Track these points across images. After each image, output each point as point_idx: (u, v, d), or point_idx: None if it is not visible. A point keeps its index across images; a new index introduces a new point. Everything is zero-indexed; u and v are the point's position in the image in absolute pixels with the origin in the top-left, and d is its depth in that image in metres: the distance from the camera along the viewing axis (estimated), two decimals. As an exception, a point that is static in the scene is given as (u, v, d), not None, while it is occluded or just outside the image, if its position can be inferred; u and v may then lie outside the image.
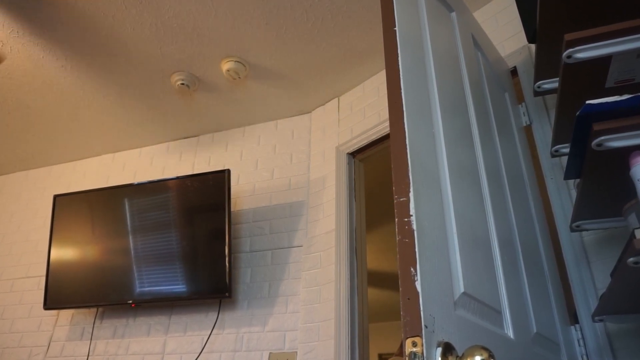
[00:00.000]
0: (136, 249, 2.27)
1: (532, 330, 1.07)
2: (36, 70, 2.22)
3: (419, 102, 0.90)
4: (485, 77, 1.37)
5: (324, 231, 2.14)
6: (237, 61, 2.17)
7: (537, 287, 1.21)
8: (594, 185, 1.04)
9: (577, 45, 0.99)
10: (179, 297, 2.14)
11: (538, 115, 1.57)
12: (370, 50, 2.14)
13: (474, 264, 0.88)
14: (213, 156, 2.63)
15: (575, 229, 1.22)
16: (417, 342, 0.63)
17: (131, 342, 2.28)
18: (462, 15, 1.34)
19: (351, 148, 2.24)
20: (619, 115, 0.91)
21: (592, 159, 0.95)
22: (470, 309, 0.81)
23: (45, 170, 3.04)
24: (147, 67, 2.21)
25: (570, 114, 1.14)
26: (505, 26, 1.80)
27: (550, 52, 1.25)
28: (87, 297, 2.28)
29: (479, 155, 1.13)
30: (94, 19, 1.94)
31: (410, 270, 0.68)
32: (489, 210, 1.07)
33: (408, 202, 0.74)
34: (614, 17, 1.13)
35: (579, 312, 1.30)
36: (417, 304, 0.65)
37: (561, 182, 1.46)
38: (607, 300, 1.06)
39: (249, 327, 2.10)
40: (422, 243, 0.71)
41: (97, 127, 2.66)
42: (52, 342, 2.44)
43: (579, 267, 1.34)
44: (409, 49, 0.93)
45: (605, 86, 1.06)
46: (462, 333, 0.74)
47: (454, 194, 0.90)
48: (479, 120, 1.19)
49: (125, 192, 2.40)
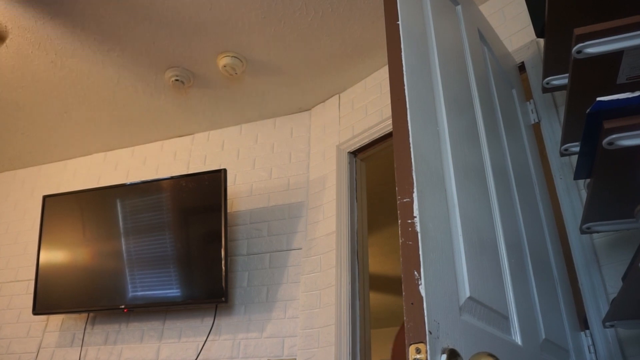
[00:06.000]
0: (129, 251, 2.26)
1: (540, 336, 1.07)
2: (25, 66, 2.20)
3: (423, 99, 0.90)
4: (492, 73, 1.37)
5: (324, 233, 2.13)
6: (233, 56, 2.16)
7: (546, 291, 1.20)
8: (605, 186, 1.03)
9: (587, 40, 0.97)
10: (174, 301, 2.14)
11: (547, 113, 1.57)
12: (373, 45, 2.13)
13: (480, 268, 0.88)
14: (209, 155, 2.61)
15: (585, 230, 1.21)
16: (421, 349, 0.63)
17: (124, 349, 2.26)
18: (467, 9, 1.34)
19: (352, 147, 2.23)
20: (631, 112, 0.89)
21: (603, 158, 0.94)
22: (476, 314, 0.81)
23: (34, 169, 3.02)
24: (141, 63, 2.20)
25: (580, 112, 1.15)
26: (513, 20, 1.80)
27: (560, 47, 1.24)
28: (78, 302, 2.27)
29: (485, 154, 1.12)
30: (85, 13, 1.93)
31: (414, 274, 0.68)
32: (496, 212, 1.07)
33: (412, 203, 0.74)
34: (625, 10, 1.14)
35: (589, 317, 1.30)
36: (421, 309, 0.65)
37: (571, 182, 1.45)
38: (619, 305, 1.05)
39: (246, 333, 2.09)
40: (426, 245, 0.71)
41: (88, 125, 2.64)
42: (42, 349, 2.42)
43: (589, 270, 1.33)
44: (412, 44, 0.93)
45: (617, 82, 1.04)
46: (468, 339, 0.74)
47: (459, 194, 0.90)
48: (485, 117, 1.19)
49: (117, 192, 2.40)
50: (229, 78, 2.30)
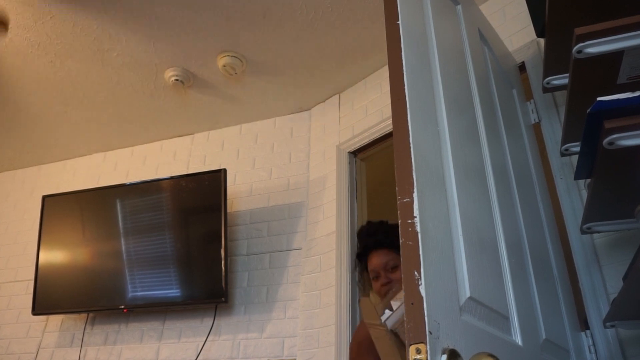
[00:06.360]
0: (128, 251, 2.26)
1: (540, 336, 1.06)
2: (25, 66, 2.20)
3: (423, 99, 0.90)
4: (492, 73, 1.37)
5: (324, 233, 2.12)
6: (233, 56, 2.15)
7: (546, 291, 1.20)
8: (606, 186, 1.02)
9: (587, 40, 0.97)
10: (173, 302, 2.13)
11: (547, 113, 1.56)
12: (373, 45, 2.13)
13: (481, 268, 0.87)
14: (208, 155, 2.61)
15: (585, 230, 1.20)
16: (421, 349, 0.62)
17: (123, 349, 2.26)
18: (468, 8, 1.33)
19: (352, 147, 2.23)
20: (631, 112, 0.88)
21: (603, 158, 0.94)
22: (476, 314, 0.81)
23: (33, 169, 3.01)
24: (140, 63, 2.19)
25: (580, 111, 1.13)
26: (513, 20, 1.80)
27: (560, 46, 1.23)
28: (78, 302, 2.27)
29: (485, 154, 1.12)
30: (85, 12, 1.92)
31: (414, 274, 0.67)
32: (496, 212, 1.06)
33: (412, 203, 0.73)
34: (625, 10, 1.12)
35: (590, 317, 1.29)
36: (421, 309, 0.65)
37: (571, 182, 1.44)
38: (619, 305, 1.05)
39: (246, 333, 2.08)
40: (426, 246, 0.71)
41: (87, 125, 2.64)
42: (41, 349, 2.42)
43: (590, 270, 1.33)
44: (412, 44, 0.92)
45: (617, 82, 1.04)
46: (468, 339, 0.73)
47: (459, 194, 0.89)
48: (485, 117, 1.18)
49: (117, 192, 2.39)
50: (229, 78, 2.29)
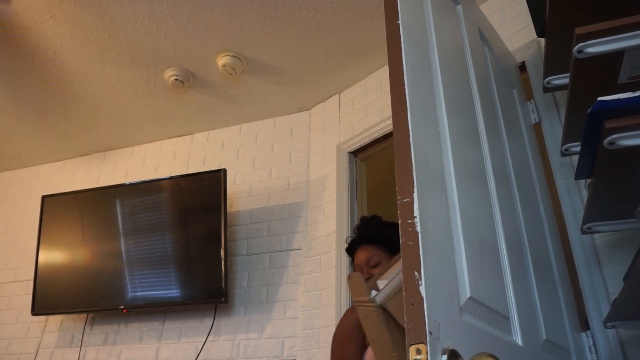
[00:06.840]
0: (128, 252, 2.25)
1: (541, 336, 1.06)
2: (25, 66, 2.19)
3: (424, 99, 0.90)
4: (492, 73, 1.37)
5: (324, 233, 2.12)
6: (233, 56, 2.15)
7: (547, 291, 1.20)
8: (606, 186, 1.02)
9: (588, 40, 0.97)
10: (173, 302, 2.13)
11: (547, 113, 1.56)
12: (373, 44, 2.12)
13: (481, 268, 0.87)
14: (208, 155, 2.60)
15: (586, 231, 1.20)
16: (422, 350, 0.62)
17: (123, 349, 2.26)
18: (468, 8, 1.33)
19: (352, 147, 2.23)
20: (632, 112, 0.88)
21: (604, 158, 0.94)
22: (476, 314, 0.81)
23: (33, 169, 3.01)
24: (140, 62, 2.19)
25: (581, 111, 1.13)
26: (514, 19, 1.79)
27: (561, 46, 1.23)
28: (77, 302, 2.27)
29: (486, 154, 1.12)
30: (85, 12, 1.91)
31: (414, 275, 0.67)
32: (497, 212, 1.06)
33: (412, 203, 0.73)
34: (626, 10, 1.12)
35: (590, 317, 1.29)
36: (421, 310, 0.64)
37: (572, 182, 1.44)
38: (620, 305, 1.05)
39: (246, 333, 2.08)
40: (426, 246, 0.71)
41: (87, 125, 2.63)
42: (41, 349, 2.42)
43: (590, 270, 1.33)
44: (413, 44, 0.92)
45: (618, 82, 1.03)
46: (468, 340, 0.73)
47: (459, 194, 0.89)
48: (486, 117, 1.18)
49: (116, 192, 2.39)
50: (229, 78, 2.29)
